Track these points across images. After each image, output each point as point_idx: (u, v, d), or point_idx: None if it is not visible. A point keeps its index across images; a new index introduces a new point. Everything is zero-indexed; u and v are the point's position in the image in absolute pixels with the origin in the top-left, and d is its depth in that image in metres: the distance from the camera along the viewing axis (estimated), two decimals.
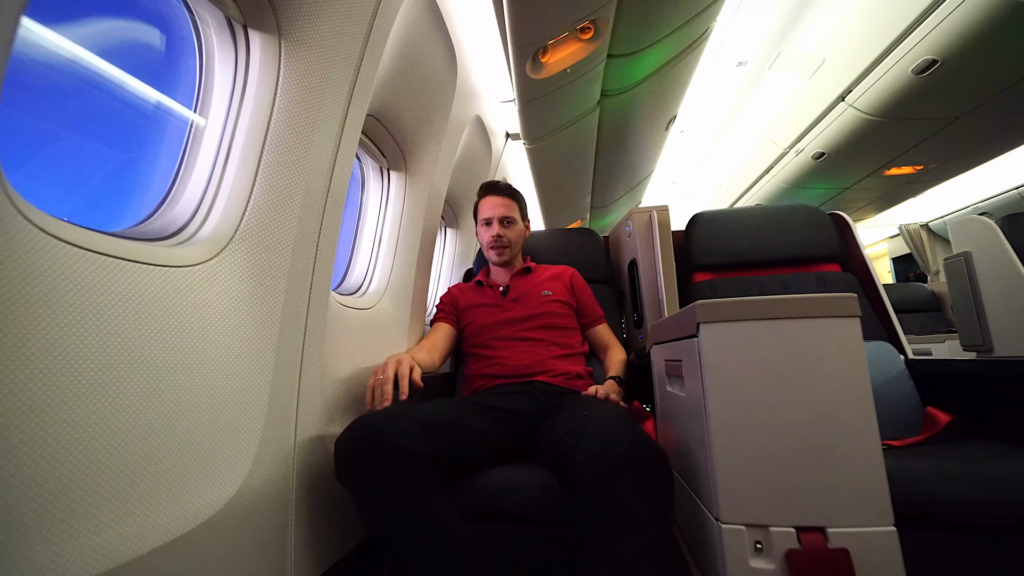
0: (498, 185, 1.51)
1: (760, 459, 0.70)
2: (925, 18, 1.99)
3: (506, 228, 1.48)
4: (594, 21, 1.55)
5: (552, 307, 1.40)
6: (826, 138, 3.00)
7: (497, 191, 1.49)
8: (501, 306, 1.44)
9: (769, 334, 0.72)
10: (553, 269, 1.54)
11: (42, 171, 0.78)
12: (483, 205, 1.50)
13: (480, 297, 1.49)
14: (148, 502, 0.63)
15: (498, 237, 1.46)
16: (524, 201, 1.54)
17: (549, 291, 1.44)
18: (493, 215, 1.47)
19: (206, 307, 0.76)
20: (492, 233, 1.47)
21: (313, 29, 0.90)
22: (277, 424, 0.87)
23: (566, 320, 1.41)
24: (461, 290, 1.54)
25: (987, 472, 0.81)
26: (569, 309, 1.44)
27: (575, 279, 1.52)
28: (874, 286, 1.47)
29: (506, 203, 1.48)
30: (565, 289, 1.47)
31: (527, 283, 1.48)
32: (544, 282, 1.48)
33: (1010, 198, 3.69)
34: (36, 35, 0.71)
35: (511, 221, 1.49)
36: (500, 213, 1.47)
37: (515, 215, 1.49)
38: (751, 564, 0.67)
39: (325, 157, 0.97)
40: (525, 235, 1.55)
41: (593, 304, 1.51)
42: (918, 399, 1.16)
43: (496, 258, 1.49)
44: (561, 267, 1.56)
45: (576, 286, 1.50)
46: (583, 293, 1.50)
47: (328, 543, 0.99)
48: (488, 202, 1.49)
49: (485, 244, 1.50)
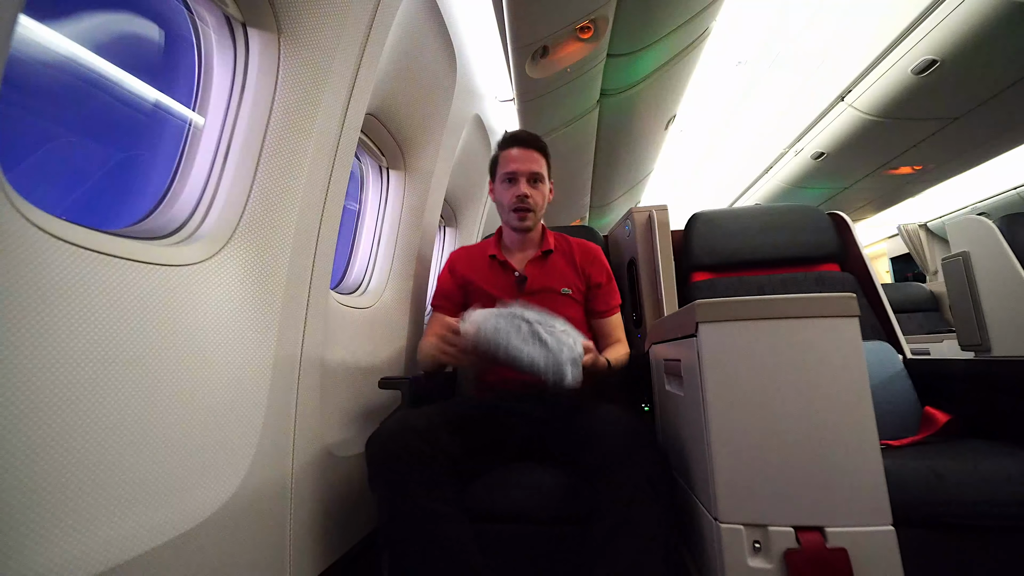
0: (523, 134, 1.26)
1: (759, 458, 0.70)
2: (925, 18, 1.99)
3: (533, 187, 1.24)
4: (594, 21, 1.55)
5: (569, 311, 1.23)
6: (825, 138, 3.01)
7: (524, 142, 1.24)
8: (515, 299, 1.23)
9: (768, 334, 0.72)
10: (574, 247, 1.33)
11: (40, 170, 0.78)
12: (506, 158, 1.25)
13: (492, 279, 1.28)
14: (147, 501, 0.63)
15: (524, 197, 1.22)
16: (550, 156, 1.30)
17: (569, 288, 1.27)
18: (519, 170, 1.22)
19: (205, 306, 0.76)
20: (517, 192, 1.22)
21: (312, 28, 0.90)
22: (276, 423, 0.86)
23: (581, 325, 1.26)
24: (469, 264, 1.33)
25: (985, 472, 0.81)
26: (585, 304, 1.31)
27: (595, 265, 1.31)
28: (873, 286, 1.47)
29: (534, 157, 1.24)
30: (584, 281, 1.30)
31: (547, 273, 1.28)
32: (565, 271, 1.29)
33: (1009, 198, 3.70)
34: (34, 33, 0.71)
35: (539, 179, 1.25)
36: (528, 168, 1.23)
37: (544, 172, 1.26)
38: (749, 564, 0.67)
39: (324, 156, 0.97)
40: (550, 198, 1.31)
41: (612, 294, 1.32)
42: (916, 399, 1.16)
43: (518, 223, 1.25)
44: (582, 246, 1.34)
45: (593, 274, 1.30)
46: (608, 282, 1.32)
47: (326, 542, 0.99)
48: (513, 155, 1.24)
49: (506, 205, 1.25)
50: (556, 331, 0.95)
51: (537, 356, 0.91)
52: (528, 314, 0.96)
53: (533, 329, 0.94)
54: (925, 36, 2.03)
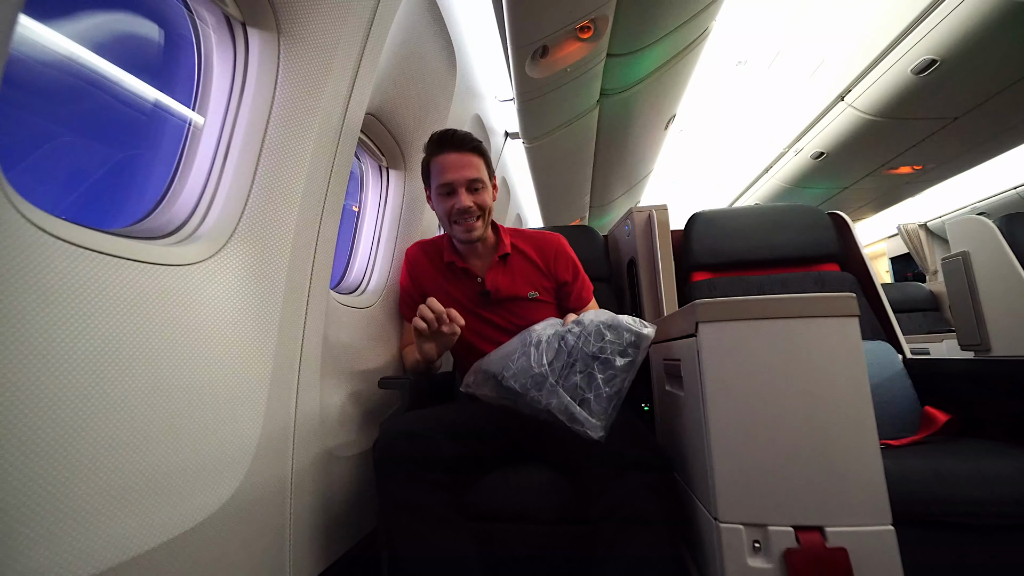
0: (456, 136, 1.11)
1: (758, 458, 0.70)
2: (925, 18, 1.99)
3: (475, 195, 1.11)
4: (593, 20, 1.55)
5: (540, 314, 1.12)
6: (825, 138, 3.01)
7: (456, 145, 1.10)
8: (482, 310, 1.18)
9: (768, 333, 0.72)
10: (531, 244, 1.23)
11: (40, 170, 0.78)
12: (439, 165, 1.11)
13: (453, 288, 1.20)
14: (147, 501, 0.62)
15: (466, 210, 1.09)
16: (488, 154, 1.17)
17: (536, 291, 1.19)
18: (456, 179, 1.08)
19: (204, 306, 0.76)
20: (458, 204, 1.09)
21: (312, 27, 0.90)
22: (275, 423, 0.86)
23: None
24: (428, 269, 1.23)
25: (985, 471, 0.81)
26: (556, 303, 1.25)
27: (560, 261, 1.22)
28: (872, 286, 1.47)
29: (471, 161, 1.10)
30: (552, 279, 1.21)
31: (509, 279, 1.19)
32: (528, 273, 1.20)
33: (1008, 198, 3.70)
34: (34, 33, 0.71)
35: (479, 185, 1.11)
36: (466, 176, 1.09)
37: (483, 175, 1.12)
38: (749, 563, 0.67)
39: (324, 155, 0.97)
40: (495, 198, 1.18)
41: (583, 287, 1.25)
42: (916, 398, 1.16)
43: (464, 235, 1.12)
44: (540, 241, 1.24)
45: (560, 271, 1.22)
46: (575, 278, 1.24)
47: (326, 542, 0.99)
48: (446, 161, 1.10)
49: (446, 216, 1.13)
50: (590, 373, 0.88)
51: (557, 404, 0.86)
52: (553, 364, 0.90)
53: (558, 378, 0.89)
54: (925, 36, 2.03)
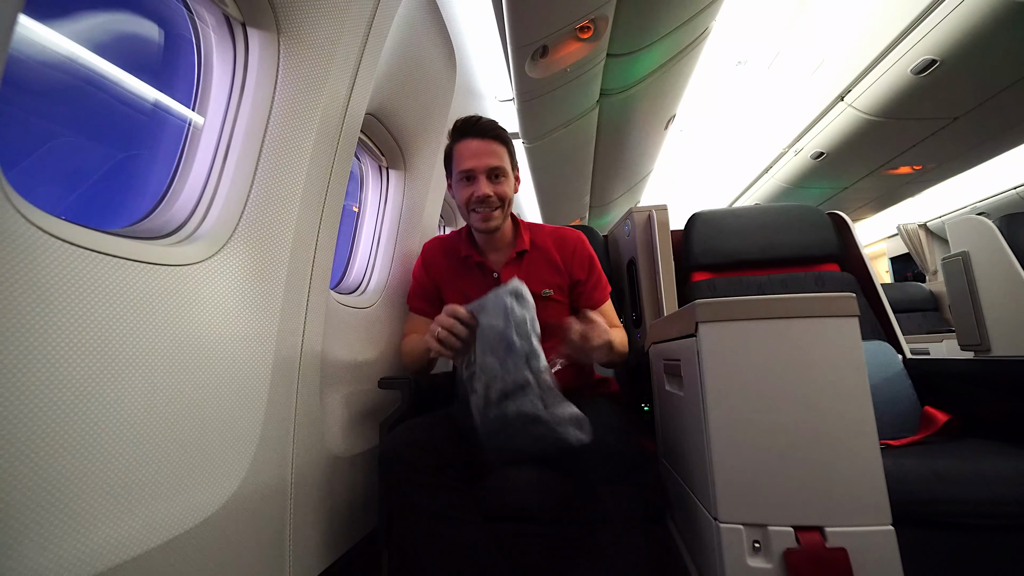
0: (480, 123, 1.10)
1: (758, 458, 0.70)
2: (924, 18, 1.99)
3: (495, 183, 1.10)
4: (593, 20, 1.55)
5: (551, 313, 1.12)
6: (825, 138, 3.01)
7: (480, 132, 1.09)
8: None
9: (768, 333, 0.72)
10: (551, 240, 1.22)
11: (40, 170, 0.78)
12: (462, 152, 1.10)
13: (466, 282, 1.19)
14: (147, 501, 0.63)
15: (485, 198, 1.08)
16: (513, 144, 1.16)
17: (550, 289, 1.17)
18: (476, 166, 1.08)
19: (204, 306, 0.76)
20: (478, 192, 1.08)
21: (312, 27, 0.90)
22: (275, 423, 0.87)
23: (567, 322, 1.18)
24: (443, 263, 1.23)
25: (984, 471, 0.81)
26: (569, 302, 1.22)
27: (577, 259, 1.20)
28: (872, 286, 1.47)
29: (493, 149, 1.09)
30: (566, 279, 1.20)
31: (524, 276, 1.14)
32: (544, 270, 1.19)
33: (1008, 198, 3.70)
34: (34, 33, 0.71)
35: (501, 174, 1.10)
36: (487, 163, 1.08)
37: (506, 164, 1.11)
38: (749, 563, 0.67)
39: (324, 156, 0.97)
40: (517, 189, 1.18)
41: (599, 287, 1.22)
42: (916, 399, 1.16)
43: (482, 224, 1.11)
44: (563, 235, 1.23)
45: (575, 270, 1.20)
46: (589, 277, 1.21)
47: (326, 542, 0.99)
48: (467, 148, 1.09)
49: (464, 205, 1.12)
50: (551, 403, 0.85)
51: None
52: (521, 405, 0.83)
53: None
54: (925, 36, 2.03)
